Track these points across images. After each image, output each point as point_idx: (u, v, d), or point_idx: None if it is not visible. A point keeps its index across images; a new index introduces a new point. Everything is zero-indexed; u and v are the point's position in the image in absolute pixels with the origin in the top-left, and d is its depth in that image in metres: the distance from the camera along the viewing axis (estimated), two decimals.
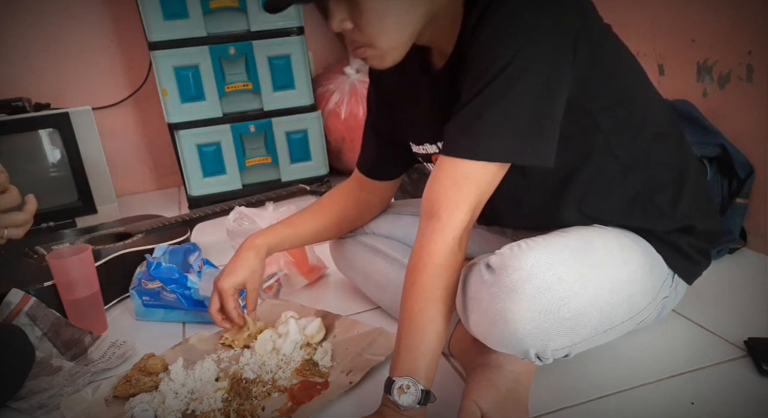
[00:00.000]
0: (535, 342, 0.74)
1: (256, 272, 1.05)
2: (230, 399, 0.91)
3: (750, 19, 1.24)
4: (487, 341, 0.78)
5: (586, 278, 0.76)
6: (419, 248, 0.77)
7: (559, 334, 0.74)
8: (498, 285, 0.73)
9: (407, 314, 0.77)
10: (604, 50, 0.79)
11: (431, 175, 0.78)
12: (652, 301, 0.88)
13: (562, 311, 0.73)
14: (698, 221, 0.90)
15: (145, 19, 1.85)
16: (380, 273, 1.13)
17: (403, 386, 0.73)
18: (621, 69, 0.83)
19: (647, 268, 0.86)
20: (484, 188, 0.76)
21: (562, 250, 0.76)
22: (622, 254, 0.82)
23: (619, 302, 0.80)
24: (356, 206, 1.15)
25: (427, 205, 0.77)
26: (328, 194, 1.17)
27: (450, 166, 0.75)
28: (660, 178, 0.87)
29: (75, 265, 1.15)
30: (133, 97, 2.29)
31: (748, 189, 1.28)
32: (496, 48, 0.72)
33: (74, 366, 1.08)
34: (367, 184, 1.12)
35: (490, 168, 0.74)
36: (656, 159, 0.87)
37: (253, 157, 2.08)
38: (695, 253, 0.92)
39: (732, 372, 0.90)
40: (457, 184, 0.75)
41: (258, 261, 1.05)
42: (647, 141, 0.86)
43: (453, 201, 0.75)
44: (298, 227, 1.11)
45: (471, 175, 0.74)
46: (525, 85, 0.71)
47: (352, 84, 2.13)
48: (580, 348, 0.80)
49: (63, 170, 1.84)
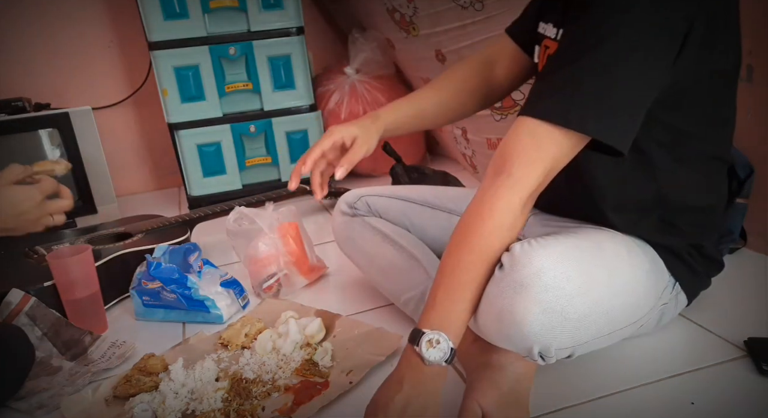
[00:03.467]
0: (540, 340, 0.73)
1: (371, 136, 0.97)
2: (230, 399, 0.91)
3: (750, 19, 1.23)
4: (492, 337, 0.78)
5: (595, 279, 0.75)
6: (480, 203, 0.73)
7: (564, 333, 0.74)
8: (507, 281, 0.72)
9: (451, 268, 0.74)
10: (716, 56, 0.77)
11: (509, 132, 0.74)
12: (653, 306, 0.88)
13: (568, 310, 0.73)
14: (707, 243, 0.92)
15: (145, 19, 1.85)
16: (385, 258, 1.11)
17: (432, 340, 0.71)
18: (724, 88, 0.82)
19: (653, 275, 0.86)
20: (560, 156, 0.72)
21: (572, 250, 0.76)
22: (630, 259, 0.82)
23: (624, 305, 0.80)
24: (485, 80, 1.07)
25: (498, 161, 0.74)
26: (450, 69, 1.09)
27: (532, 124, 0.72)
28: (697, 200, 0.89)
29: (75, 265, 1.15)
30: (133, 97, 2.29)
31: (748, 189, 1.27)
32: (611, 9, 0.69)
33: (74, 366, 1.08)
34: (494, 57, 1.05)
35: (572, 138, 0.72)
36: (707, 185, 0.88)
37: (253, 157, 2.08)
38: (697, 264, 0.93)
39: (732, 372, 0.90)
40: (537, 142, 0.71)
41: (375, 129, 0.98)
42: (707, 166, 0.87)
43: (531, 159, 0.71)
44: (422, 102, 1.05)
45: (553, 139, 0.71)
46: (631, 65, 0.69)
47: (352, 84, 2.13)
48: (583, 350, 0.80)
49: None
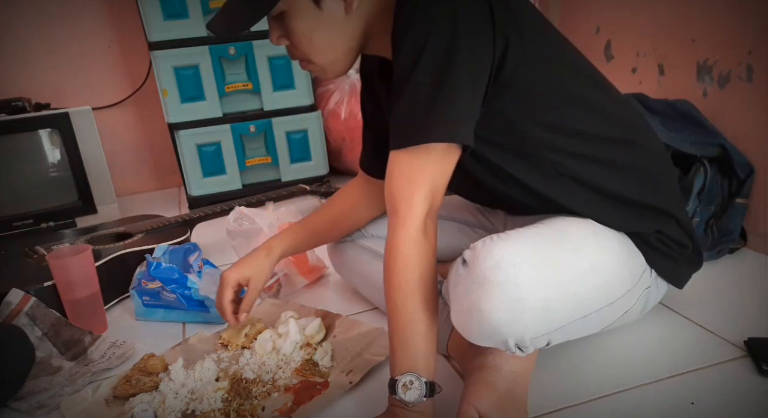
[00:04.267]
0: (510, 331, 0.74)
1: (263, 273, 1.05)
2: (230, 399, 0.91)
3: (750, 19, 1.24)
4: (466, 334, 0.78)
5: (557, 264, 0.76)
6: (387, 246, 0.79)
7: (533, 321, 0.74)
8: (471, 277, 0.74)
9: (392, 312, 0.78)
10: (535, 43, 0.79)
11: (387, 171, 0.80)
12: (631, 289, 0.87)
13: (535, 297, 0.73)
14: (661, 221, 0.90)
15: (145, 19, 1.85)
16: (378, 274, 1.12)
17: (406, 383, 0.74)
18: (562, 68, 0.83)
19: (624, 255, 0.86)
20: (435, 175, 0.77)
21: (532, 238, 0.77)
22: (596, 240, 0.83)
23: (593, 286, 0.80)
24: (366, 197, 1.14)
25: (387, 203, 0.80)
26: (338, 192, 1.17)
27: (397, 160, 0.78)
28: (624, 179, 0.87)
29: (75, 265, 1.15)
30: (133, 97, 2.29)
31: (748, 189, 1.28)
32: (408, 40, 0.74)
33: (74, 366, 1.08)
34: (372, 180, 1.12)
35: (433, 153, 0.76)
36: (614, 164, 0.86)
37: (253, 157, 2.08)
38: (669, 249, 0.91)
39: (732, 372, 0.90)
40: (406, 175, 0.77)
41: (267, 262, 1.05)
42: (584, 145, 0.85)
43: (407, 194, 0.77)
44: (314, 223, 1.12)
45: (417, 165, 0.76)
46: (440, 71, 0.73)
47: (352, 84, 2.13)
48: (560, 336, 0.80)
49: (63, 170, 1.84)
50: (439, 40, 0.72)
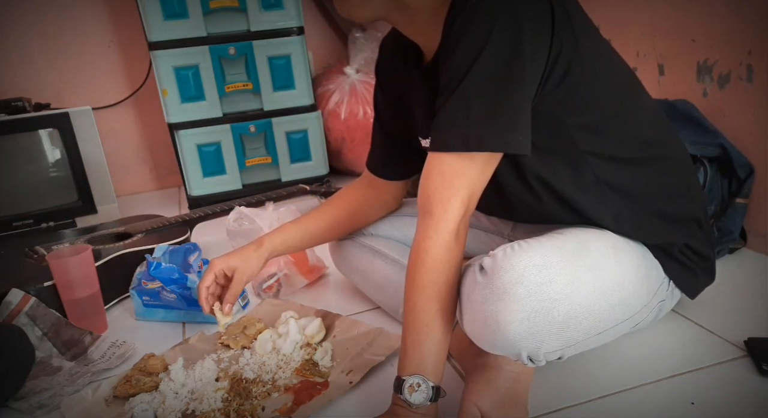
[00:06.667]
0: (526, 344, 0.73)
1: (250, 265, 1.03)
2: (230, 399, 0.91)
3: (750, 19, 1.24)
4: (479, 342, 0.78)
5: (579, 280, 0.75)
6: (416, 246, 0.77)
7: (551, 336, 0.73)
8: (490, 287, 0.72)
9: (410, 313, 0.77)
10: (587, 49, 0.78)
11: (422, 173, 0.79)
12: (647, 304, 0.87)
13: (553, 314, 0.72)
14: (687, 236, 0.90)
15: (145, 19, 1.85)
16: (379, 273, 1.13)
17: (413, 385, 0.74)
18: (609, 74, 0.82)
19: (642, 270, 0.85)
20: (475, 180, 0.76)
21: (555, 252, 0.75)
22: (617, 256, 0.82)
23: (612, 304, 0.79)
24: (367, 202, 1.14)
25: (421, 203, 0.78)
26: (338, 192, 1.16)
27: (438, 161, 0.76)
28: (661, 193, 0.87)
29: (75, 265, 1.15)
30: (133, 97, 2.29)
31: (748, 189, 1.28)
32: (467, 37, 0.72)
33: (74, 366, 1.08)
34: (377, 183, 1.11)
35: (477, 159, 0.75)
36: (657, 182, 0.87)
37: (253, 157, 2.08)
38: (690, 262, 0.92)
39: (732, 372, 0.90)
40: (446, 179, 0.75)
41: (256, 256, 1.04)
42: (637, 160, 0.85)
43: (444, 196, 0.75)
44: (310, 224, 1.11)
45: (459, 169, 0.75)
46: (500, 76, 0.71)
47: (352, 84, 2.13)
48: (574, 351, 0.80)
49: (63, 170, 1.84)
50: (501, 43, 0.70)
